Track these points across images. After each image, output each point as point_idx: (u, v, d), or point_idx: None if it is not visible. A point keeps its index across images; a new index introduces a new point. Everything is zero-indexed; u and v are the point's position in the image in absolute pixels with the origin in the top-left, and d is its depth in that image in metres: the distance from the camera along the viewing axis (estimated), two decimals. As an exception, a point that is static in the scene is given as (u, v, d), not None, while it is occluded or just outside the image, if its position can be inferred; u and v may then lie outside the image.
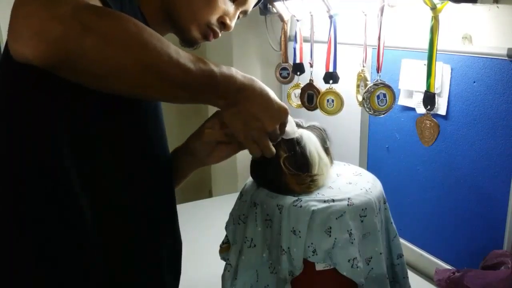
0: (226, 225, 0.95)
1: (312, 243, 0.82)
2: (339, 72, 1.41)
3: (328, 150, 0.95)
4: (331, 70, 1.42)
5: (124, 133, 0.74)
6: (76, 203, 0.69)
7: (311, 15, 1.50)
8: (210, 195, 2.28)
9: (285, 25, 1.71)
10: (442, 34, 1.10)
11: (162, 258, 0.82)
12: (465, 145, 1.19)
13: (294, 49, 1.62)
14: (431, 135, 1.22)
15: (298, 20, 1.58)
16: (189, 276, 0.99)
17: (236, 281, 0.88)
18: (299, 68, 1.62)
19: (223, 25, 0.84)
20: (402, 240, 1.15)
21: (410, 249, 1.38)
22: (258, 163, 0.89)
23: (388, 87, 1.27)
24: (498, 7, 1.06)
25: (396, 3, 1.28)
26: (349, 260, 0.82)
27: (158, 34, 0.61)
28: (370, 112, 1.29)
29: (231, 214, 0.95)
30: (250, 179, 0.95)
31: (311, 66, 1.54)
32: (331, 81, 1.42)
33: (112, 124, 0.72)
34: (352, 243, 0.82)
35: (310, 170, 0.87)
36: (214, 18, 0.82)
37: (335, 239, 0.82)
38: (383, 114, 1.29)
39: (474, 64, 1.14)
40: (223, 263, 0.93)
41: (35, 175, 0.67)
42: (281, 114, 0.75)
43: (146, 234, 0.79)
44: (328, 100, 1.46)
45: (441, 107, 1.23)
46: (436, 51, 1.11)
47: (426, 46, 1.12)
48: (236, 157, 0.88)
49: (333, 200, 0.84)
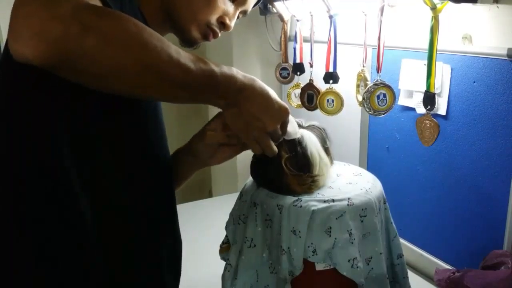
0: (226, 225, 0.95)
1: (312, 243, 0.82)
2: (339, 72, 1.41)
3: (328, 150, 0.95)
4: (331, 70, 1.41)
5: (124, 133, 0.74)
6: (76, 203, 0.69)
7: (311, 15, 1.50)
8: (210, 195, 2.27)
9: (285, 25, 1.71)
10: (442, 34, 1.10)
11: (162, 258, 0.82)
12: (465, 145, 1.19)
13: (294, 49, 1.62)
14: (431, 135, 1.22)
15: (298, 20, 1.58)
16: (189, 276, 0.99)
17: (236, 281, 0.88)
18: (299, 68, 1.62)
19: (222, 25, 0.84)
20: (402, 240, 1.15)
21: (410, 249, 1.38)
22: (259, 163, 0.89)
23: (388, 87, 1.26)
24: (498, 7, 1.06)
25: (396, 3, 1.28)
26: (349, 260, 0.82)
27: (158, 34, 0.61)
28: (370, 112, 1.29)
29: (231, 214, 0.95)
30: (250, 179, 0.94)
31: (311, 66, 1.53)
32: (331, 81, 1.42)
33: (112, 124, 0.72)
34: (352, 243, 0.82)
35: (311, 170, 0.87)
36: (213, 18, 0.82)
37: (335, 239, 0.82)
38: (383, 114, 1.29)
39: (474, 64, 1.14)
40: (223, 263, 0.93)
41: (35, 175, 0.67)
42: (282, 114, 0.75)
43: (146, 234, 0.79)
44: (328, 100, 1.46)
45: (441, 107, 1.23)
46: (436, 51, 1.11)
47: (426, 46, 1.12)
48: (236, 157, 0.88)
49: (333, 200, 0.84)
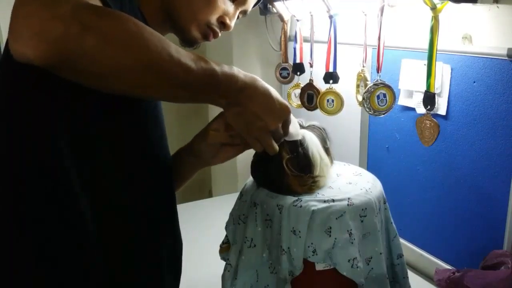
0: (226, 225, 0.95)
1: (312, 243, 0.82)
2: (339, 72, 1.41)
3: (328, 150, 0.95)
4: (331, 70, 1.41)
5: (124, 133, 0.74)
6: (76, 203, 0.69)
7: (311, 15, 1.50)
8: (210, 195, 2.27)
9: (285, 25, 1.71)
10: (442, 34, 1.10)
11: (162, 258, 0.82)
12: (465, 145, 1.19)
13: (294, 49, 1.62)
14: (431, 135, 1.22)
15: (298, 20, 1.58)
16: (189, 276, 0.99)
17: (236, 281, 0.88)
18: (299, 68, 1.62)
19: (223, 25, 0.84)
20: (402, 240, 1.15)
21: (410, 249, 1.38)
22: (259, 163, 0.89)
23: (388, 87, 1.26)
24: (498, 7, 1.06)
25: (396, 3, 1.28)
26: (349, 260, 0.82)
27: (158, 34, 0.61)
28: (370, 112, 1.29)
29: (231, 214, 0.95)
30: (250, 179, 0.94)
31: (311, 66, 1.53)
32: (331, 81, 1.42)
33: (112, 124, 0.72)
34: (352, 243, 0.82)
35: (313, 171, 0.87)
36: (214, 18, 0.82)
37: (335, 239, 0.82)
38: (383, 114, 1.29)
39: (474, 64, 1.14)
40: (223, 263, 0.93)
41: (35, 175, 0.67)
42: (283, 112, 0.75)
43: (146, 234, 0.79)
44: (328, 100, 1.46)
45: (441, 107, 1.23)
46: (436, 51, 1.11)
47: (426, 46, 1.12)
48: (236, 157, 0.88)
49: (333, 200, 0.83)
